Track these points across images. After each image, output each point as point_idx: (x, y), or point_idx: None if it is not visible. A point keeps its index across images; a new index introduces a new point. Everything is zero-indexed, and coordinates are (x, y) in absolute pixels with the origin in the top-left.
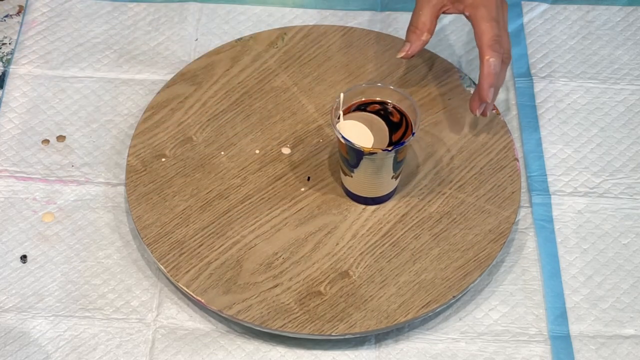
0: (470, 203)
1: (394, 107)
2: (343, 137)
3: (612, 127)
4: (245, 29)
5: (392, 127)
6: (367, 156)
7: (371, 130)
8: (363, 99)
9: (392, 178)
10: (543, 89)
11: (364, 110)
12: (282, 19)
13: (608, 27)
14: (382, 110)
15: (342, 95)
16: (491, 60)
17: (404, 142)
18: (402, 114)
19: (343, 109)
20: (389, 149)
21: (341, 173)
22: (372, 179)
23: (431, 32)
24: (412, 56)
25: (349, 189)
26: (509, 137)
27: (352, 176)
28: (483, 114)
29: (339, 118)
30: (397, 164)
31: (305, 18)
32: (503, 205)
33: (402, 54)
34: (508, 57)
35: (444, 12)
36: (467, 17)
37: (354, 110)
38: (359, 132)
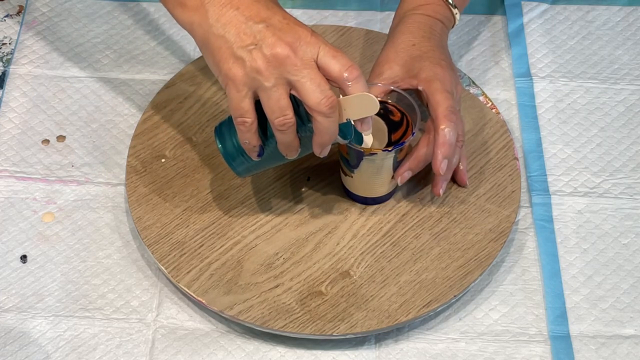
0: (470, 202)
1: (394, 105)
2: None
3: (612, 127)
4: None
5: (392, 126)
6: (367, 157)
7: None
8: None
9: (392, 178)
10: (543, 89)
11: None
12: None
13: (608, 27)
14: (382, 109)
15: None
16: (446, 130)
17: (404, 142)
18: (403, 113)
19: None
20: (389, 149)
21: (341, 173)
22: (373, 179)
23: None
24: None
25: (349, 189)
26: (509, 136)
27: (352, 176)
28: (435, 191)
29: None
30: (397, 164)
31: (305, 18)
32: (503, 205)
33: None
34: (462, 136)
35: (394, 89)
36: (421, 91)
37: None
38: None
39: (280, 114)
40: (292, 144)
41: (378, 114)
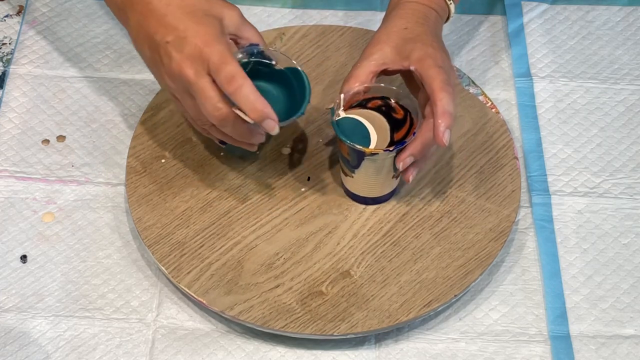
0: (470, 202)
1: (396, 103)
2: (345, 139)
3: (612, 127)
4: None
5: (395, 124)
6: (368, 157)
7: (373, 127)
8: (367, 95)
9: (393, 178)
10: (543, 89)
11: (365, 106)
12: (282, 19)
13: (608, 27)
14: (384, 106)
15: (342, 96)
16: (444, 99)
17: (405, 142)
18: (406, 110)
19: (344, 104)
20: (391, 149)
21: (341, 173)
22: (374, 179)
23: (363, 83)
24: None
25: (349, 189)
26: (508, 136)
27: (352, 176)
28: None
29: (339, 115)
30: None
31: (305, 18)
32: (503, 204)
33: (330, 105)
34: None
35: (386, 72)
36: (413, 71)
37: (355, 106)
38: (361, 130)
39: (197, 119)
40: (230, 140)
41: (380, 112)
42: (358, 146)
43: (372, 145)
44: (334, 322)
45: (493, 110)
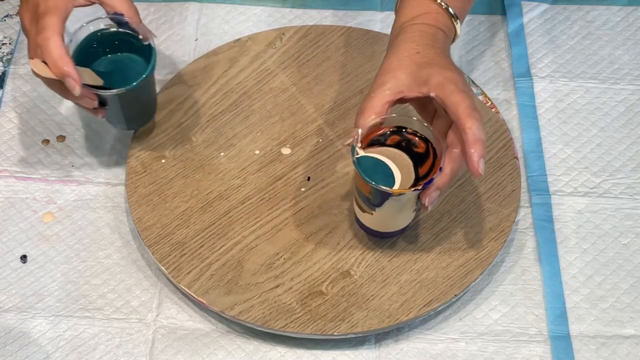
0: (470, 201)
1: (416, 134)
2: (369, 180)
3: (612, 127)
4: (245, 29)
5: (417, 158)
6: (393, 197)
7: (395, 164)
8: (384, 128)
9: (413, 211)
10: (543, 89)
11: (384, 144)
12: (282, 19)
13: (608, 27)
14: (404, 142)
15: (359, 131)
16: (474, 127)
17: (432, 179)
18: (427, 141)
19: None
20: (419, 188)
21: (356, 209)
22: (395, 215)
23: (379, 114)
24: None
25: (367, 225)
26: (508, 136)
27: (372, 214)
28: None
29: (358, 153)
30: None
31: (305, 18)
32: (503, 204)
33: (348, 141)
34: None
35: (402, 100)
36: (434, 98)
37: (373, 145)
38: (383, 168)
39: None
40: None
41: (400, 148)
42: (384, 187)
43: (397, 184)
44: (334, 322)
45: (493, 110)
